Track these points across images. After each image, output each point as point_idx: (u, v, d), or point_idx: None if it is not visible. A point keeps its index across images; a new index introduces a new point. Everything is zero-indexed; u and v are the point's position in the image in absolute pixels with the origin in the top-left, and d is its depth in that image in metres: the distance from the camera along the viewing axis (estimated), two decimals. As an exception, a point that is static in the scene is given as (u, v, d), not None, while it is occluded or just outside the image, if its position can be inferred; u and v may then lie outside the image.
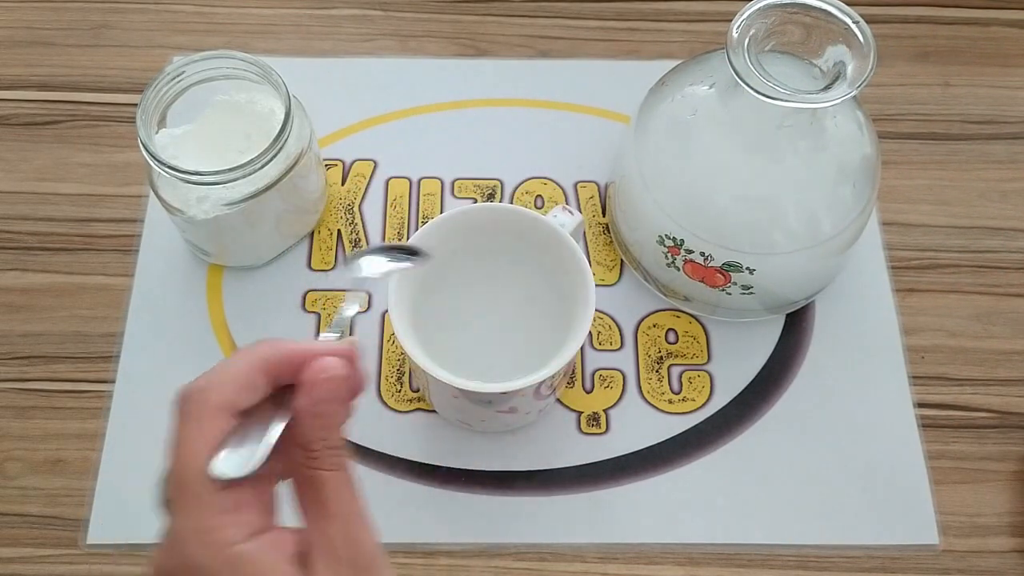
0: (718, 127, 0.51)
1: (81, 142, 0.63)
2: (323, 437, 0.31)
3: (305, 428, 0.30)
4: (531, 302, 0.53)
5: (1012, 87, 0.66)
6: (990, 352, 0.57)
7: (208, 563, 0.28)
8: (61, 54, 0.66)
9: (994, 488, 0.53)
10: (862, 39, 0.46)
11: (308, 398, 0.31)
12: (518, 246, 0.50)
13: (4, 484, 0.52)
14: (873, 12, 0.65)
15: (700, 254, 0.52)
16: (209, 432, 0.30)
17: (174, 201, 0.53)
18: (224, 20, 0.68)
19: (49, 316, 0.57)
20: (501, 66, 0.67)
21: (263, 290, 0.58)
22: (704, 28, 0.68)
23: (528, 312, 0.53)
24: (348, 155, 0.63)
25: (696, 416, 0.55)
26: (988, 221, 0.61)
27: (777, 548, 0.51)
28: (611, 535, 0.51)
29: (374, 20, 0.69)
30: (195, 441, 0.30)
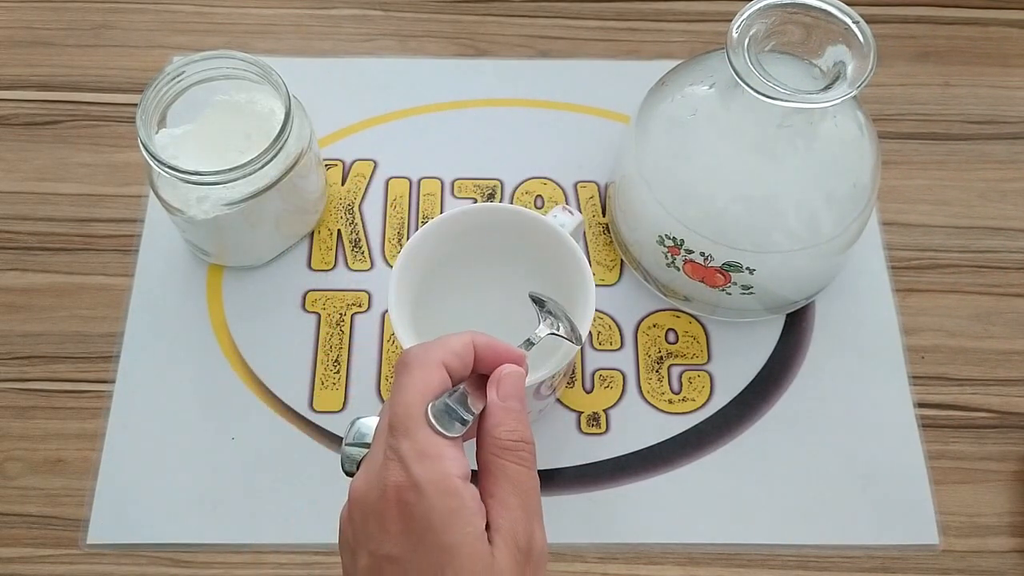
0: (718, 127, 0.51)
1: (81, 142, 0.63)
2: (513, 428, 0.34)
3: (498, 421, 0.34)
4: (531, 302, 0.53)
5: (1012, 87, 0.66)
6: (990, 352, 0.57)
7: (428, 484, 0.31)
8: (61, 54, 0.66)
9: (994, 488, 0.53)
10: (862, 39, 0.46)
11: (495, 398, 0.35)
12: (518, 246, 0.50)
13: (4, 484, 0.52)
14: (873, 12, 0.65)
15: (700, 254, 0.52)
16: (434, 379, 0.33)
17: (174, 201, 0.53)
18: (224, 20, 0.68)
19: (49, 316, 0.57)
20: (501, 66, 0.67)
21: (263, 290, 0.58)
22: (704, 28, 0.68)
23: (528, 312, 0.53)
24: (348, 155, 0.63)
25: (696, 416, 0.55)
26: (988, 221, 0.61)
27: (777, 548, 0.51)
28: (611, 535, 0.51)
29: (374, 20, 0.69)
30: (423, 383, 0.33)
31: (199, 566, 0.51)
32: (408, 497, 0.32)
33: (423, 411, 0.33)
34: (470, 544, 0.32)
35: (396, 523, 0.32)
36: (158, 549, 0.51)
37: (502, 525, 0.32)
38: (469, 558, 0.31)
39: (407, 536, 0.32)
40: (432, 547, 0.31)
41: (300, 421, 0.54)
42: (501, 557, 0.32)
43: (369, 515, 0.32)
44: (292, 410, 0.54)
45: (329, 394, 0.55)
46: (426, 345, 0.35)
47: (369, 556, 0.32)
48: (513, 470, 0.34)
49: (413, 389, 0.33)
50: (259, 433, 0.54)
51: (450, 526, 0.31)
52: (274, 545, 0.51)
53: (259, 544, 0.51)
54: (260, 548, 0.51)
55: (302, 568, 0.51)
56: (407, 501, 0.32)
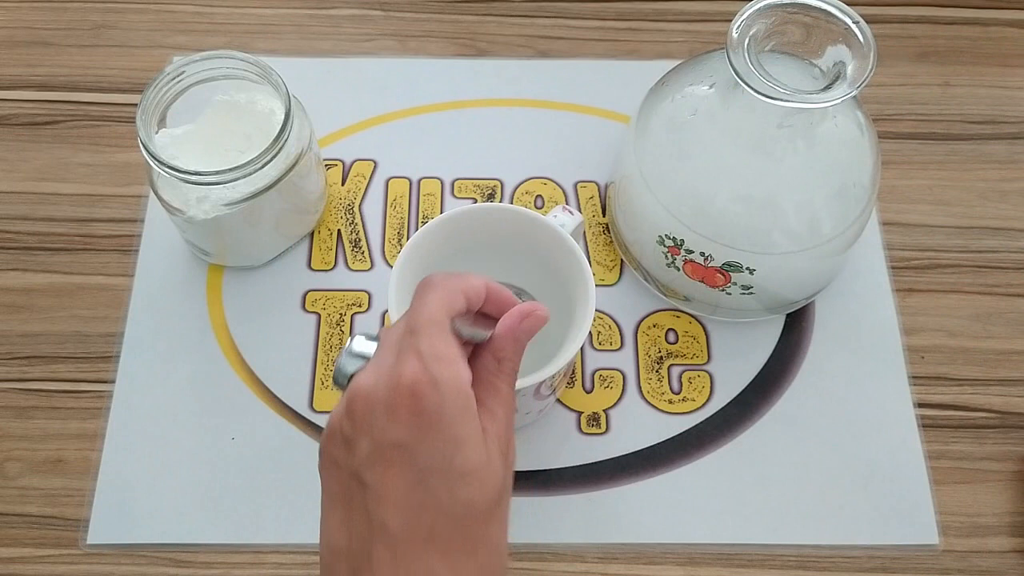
0: (718, 127, 0.51)
1: (81, 142, 0.63)
2: (511, 358, 0.37)
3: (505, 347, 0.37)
4: (531, 302, 0.53)
5: (1012, 87, 0.66)
6: (990, 352, 0.57)
7: (444, 380, 0.33)
8: (61, 54, 0.66)
9: (994, 488, 0.53)
10: (862, 39, 0.46)
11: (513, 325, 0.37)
12: (518, 246, 0.50)
13: (4, 484, 0.52)
14: (873, 12, 0.66)
15: (700, 254, 0.52)
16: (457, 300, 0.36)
17: (174, 201, 0.53)
18: (224, 20, 0.68)
19: (49, 316, 0.57)
20: (501, 66, 0.67)
21: (263, 290, 0.58)
22: (704, 28, 0.68)
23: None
24: (348, 155, 0.63)
25: (696, 416, 0.55)
26: (988, 221, 0.61)
27: (777, 548, 0.51)
28: (611, 535, 0.52)
29: (374, 20, 0.69)
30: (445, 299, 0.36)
31: (199, 566, 0.51)
32: (424, 390, 0.33)
33: (445, 320, 0.35)
34: (476, 440, 0.34)
35: (407, 413, 0.33)
36: (158, 549, 0.51)
37: (490, 430, 0.35)
38: (474, 451, 0.34)
39: (417, 425, 0.33)
40: (441, 437, 0.33)
41: (300, 421, 0.54)
42: (492, 455, 0.35)
43: (376, 405, 0.34)
44: (292, 410, 0.54)
45: (329, 394, 0.55)
46: (450, 273, 0.37)
47: (372, 443, 0.34)
48: (504, 388, 0.37)
49: (438, 302, 0.36)
50: (259, 433, 0.54)
51: (460, 421, 0.34)
52: (274, 545, 0.51)
53: (259, 544, 0.51)
54: (260, 548, 0.51)
55: (302, 568, 0.51)
56: (422, 393, 0.33)
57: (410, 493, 0.33)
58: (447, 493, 0.33)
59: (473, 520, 0.34)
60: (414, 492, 0.33)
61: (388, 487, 0.33)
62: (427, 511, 0.33)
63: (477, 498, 0.34)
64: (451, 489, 0.33)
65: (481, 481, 0.34)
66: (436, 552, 0.33)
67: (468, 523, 0.34)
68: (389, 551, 0.33)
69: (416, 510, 0.33)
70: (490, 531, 0.35)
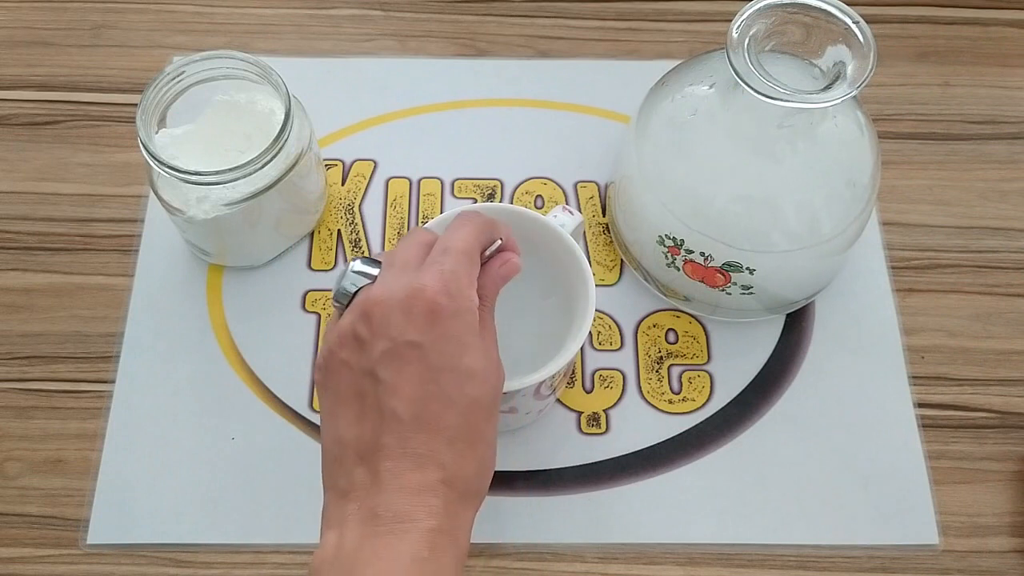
0: (718, 127, 0.51)
1: (81, 142, 0.63)
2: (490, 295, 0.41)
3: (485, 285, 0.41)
4: (531, 302, 0.53)
5: (1012, 87, 0.66)
6: (990, 352, 0.57)
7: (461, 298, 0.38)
8: (61, 54, 0.66)
9: (994, 488, 0.53)
10: (862, 39, 0.46)
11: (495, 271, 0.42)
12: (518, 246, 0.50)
13: (4, 484, 0.52)
14: (873, 12, 0.66)
15: (700, 254, 0.52)
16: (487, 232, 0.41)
17: (174, 201, 0.53)
18: (224, 20, 0.68)
19: (49, 316, 0.57)
20: (501, 66, 0.67)
21: (263, 290, 0.58)
22: (704, 28, 0.68)
23: (528, 312, 0.53)
24: (348, 155, 0.63)
25: (696, 416, 0.55)
26: (988, 221, 0.61)
27: (777, 548, 0.51)
28: (611, 535, 0.51)
29: (374, 20, 0.69)
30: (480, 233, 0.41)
31: (199, 566, 0.51)
32: (441, 300, 0.37)
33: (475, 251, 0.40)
34: (480, 347, 0.38)
35: (423, 316, 0.37)
36: (158, 549, 0.51)
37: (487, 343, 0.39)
38: (480, 355, 0.38)
39: (432, 327, 0.37)
40: (452, 340, 0.37)
41: (300, 421, 0.54)
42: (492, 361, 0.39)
43: (394, 309, 0.37)
44: (292, 410, 0.54)
45: (329, 394, 0.55)
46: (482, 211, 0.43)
47: (390, 341, 0.37)
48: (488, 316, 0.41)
49: (474, 234, 0.40)
50: (259, 433, 0.54)
51: (470, 330, 0.38)
52: (274, 545, 0.51)
53: (259, 544, 0.51)
54: (260, 548, 0.51)
55: (302, 568, 0.51)
56: (439, 303, 0.37)
57: (423, 386, 0.37)
58: (456, 388, 0.37)
59: (475, 415, 0.38)
60: (427, 386, 0.37)
61: (403, 381, 0.37)
62: (437, 402, 0.37)
63: (481, 395, 0.38)
64: (460, 385, 0.37)
65: (484, 381, 0.38)
66: (442, 440, 0.37)
67: (471, 417, 0.38)
68: (398, 437, 0.37)
69: (427, 401, 0.37)
70: (487, 428, 0.39)
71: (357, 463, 0.37)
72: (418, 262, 0.40)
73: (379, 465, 0.36)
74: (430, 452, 0.37)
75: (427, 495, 0.36)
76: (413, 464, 0.36)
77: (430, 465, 0.36)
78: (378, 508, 0.36)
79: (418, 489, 0.36)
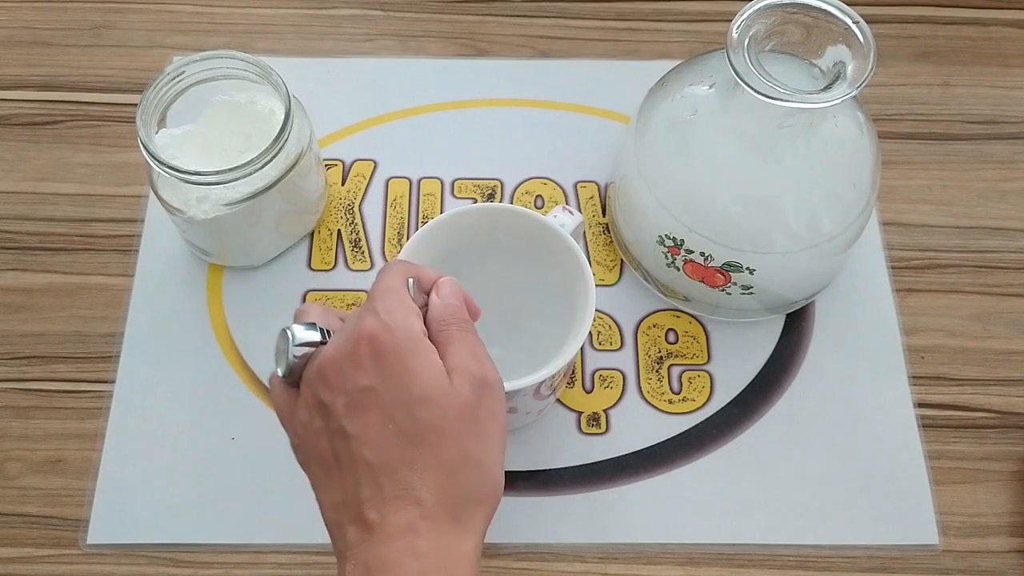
0: (718, 127, 0.51)
1: (81, 142, 0.63)
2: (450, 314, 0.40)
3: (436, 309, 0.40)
4: (531, 302, 0.53)
5: (1012, 87, 0.66)
6: (990, 352, 0.57)
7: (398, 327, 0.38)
8: (61, 54, 0.66)
9: (994, 488, 0.53)
10: (862, 39, 0.46)
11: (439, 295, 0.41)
12: (518, 246, 0.50)
13: (4, 484, 0.52)
14: (873, 12, 0.66)
15: (700, 254, 0.52)
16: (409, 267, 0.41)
17: (174, 201, 0.53)
18: (224, 20, 0.68)
19: (49, 316, 0.57)
20: (501, 66, 0.67)
21: (263, 290, 0.58)
22: (704, 28, 0.68)
23: (528, 312, 0.53)
24: (348, 155, 0.63)
25: (696, 416, 0.55)
26: (988, 221, 0.61)
27: (777, 548, 0.51)
28: (611, 535, 0.52)
29: (374, 20, 0.69)
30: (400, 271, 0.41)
31: (199, 566, 0.51)
32: (380, 335, 0.37)
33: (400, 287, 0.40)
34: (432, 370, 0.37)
35: (369, 359, 0.37)
36: (158, 549, 0.51)
37: (456, 365, 0.38)
38: (430, 380, 0.37)
39: (379, 367, 0.37)
40: (399, 371, 0.37)
41: (300, 421, 0.54)
42: (459, 383, 0.37)
43: (343, 362, 0.38)
44: (292, 410, 0.54)
45: (329, 394, 0.55)
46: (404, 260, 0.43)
47: (346, 395, 0.37)
48: (457, 332, 0.40)
49: (393, 275, 0.40)
50: (259, 433, 0.54)
51: (415, 357, 0.37)
52: (274, 545, 0.51)
53: (259, 544, 0.51)
54: (260, 548, 0.51)
55: (302, 568, 0.51)
56: (380, 339, 0.37)
57: (384, 428, 0.37)
58: (412, 420, 0.36)
59: (442, 440, 0.37)
60: (387, 426, 0.37)
61: (367, 429, 0.37)
62: (400, 439, 0.36)
63: (440, 418, 0.37)
64: (412, 414, 0.37)
65: (439, 405, 0.37)
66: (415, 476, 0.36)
67: (439, 443, 0.37)
68: (374, 486, 0.36)
69: (391, 441, 0.36)
70: (468, 445, 0.37)
71: (349, 522, 0.37)
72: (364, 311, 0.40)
73: (365, 518, 0.36)
74: (405, 492, 0.36)
75: (411, 537, 0.36)
76: (393, 508, 0.36)
77: (408, 505, 0.36)
78: (370, 561, 0.36)
79: (402, 532, 0.36)
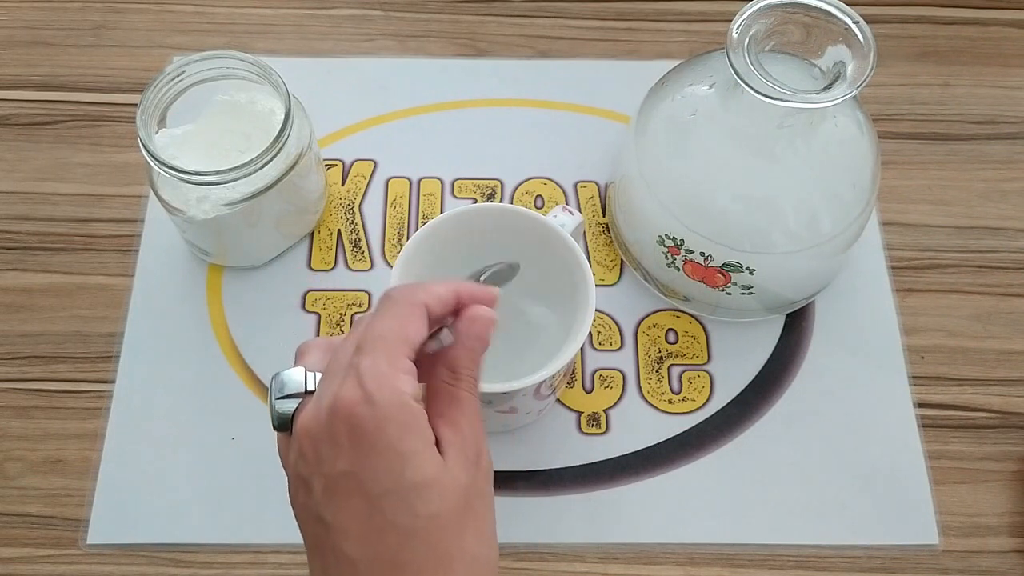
0: (718, 127, 0.51)
1: (81, 142, 0.63)
2: (467, 366, 0.36)
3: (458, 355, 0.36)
4: (531, 302, 0.53)
5: (1012, 87, 0.66)
6: (990, 352, 0.57)
7: (382, 398, 0.32)
8: (61, 54, 0.66)
9: (994, 488, 0.53)
10: (862, 39, 0.46)
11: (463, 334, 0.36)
12: (518, 246, 0.50)
13: (4, 484, 0.52)
14: (873, 12, 0.65)
15: (700, 254, 0.52)
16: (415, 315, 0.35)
17: (174, 201, 0.53)
18: (224, 20, 0.68)
19: (49, 316, 0.57)
20: (501, 66, 0.67)
21: (263, 290, 0.58)
22: (704, 28, 0.68)
23: (528, 312, 0.53)
24: (348, 155, 0.63)
25: (696, 416, 0.55)
26: (988, 221, 0.61)
27: (777, 548, 0.51)
28: (611, 535, 0.52)
29: (374, 20, 0.69)
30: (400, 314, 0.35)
31: (199, 566, 0.51)
32: (360, 411, 0.32)
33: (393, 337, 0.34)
34: (425, 451, 0.33)
35: (347, 438, 0.32)
36: (158, 549, 0.51)
37: (452, 441, 0.34)
38: (426, 462, 0.32)
39: (358, 448, 0.32)
40: (386, 453, 0.32)
41: (300, 421, 0.54)
42: (453, 464, 0.33)
43: (319, 439, 0.33)
44: (292, 410, 0.54)
45: (329, 394, 0.55)
46: (412, 285, 0.36)
47: (323, 478, 0.33)
48: (465, 397, 0.35)
49: (391, 318, 0.35)
50: (259, 433, 0.53)
51: (405, 435, 0.32)
52: (274, 545, 0.51)
53: (259, 544, 0.51)
54: (260, 548, 0.51)
55: (302, 568, 0.50)
56: (359, 415, 0.32)
57: (369, 520, 0.32)
58: (405, 511, 0.32)
59: (440, 533, 0.32)
60: (373, 519, 0.32)
61: (348, 520, 0.32)
62: (389, 535, 0.32)
63: (438, 510, 0.32)
64: (409, 506, 0.32)
65: (440, 492, 0.32)
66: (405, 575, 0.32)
67: (435, 538, 0.32)
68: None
69: (378, 535, 0.32)
70: (464, 542, 0.33)
71: None
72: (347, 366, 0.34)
73: None
74: None
75: None
76: None
77: None
78: None
79: None
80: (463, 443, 0.34)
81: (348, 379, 0.33)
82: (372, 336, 0.34)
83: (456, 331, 0.36)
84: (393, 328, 0.34)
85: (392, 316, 0.35)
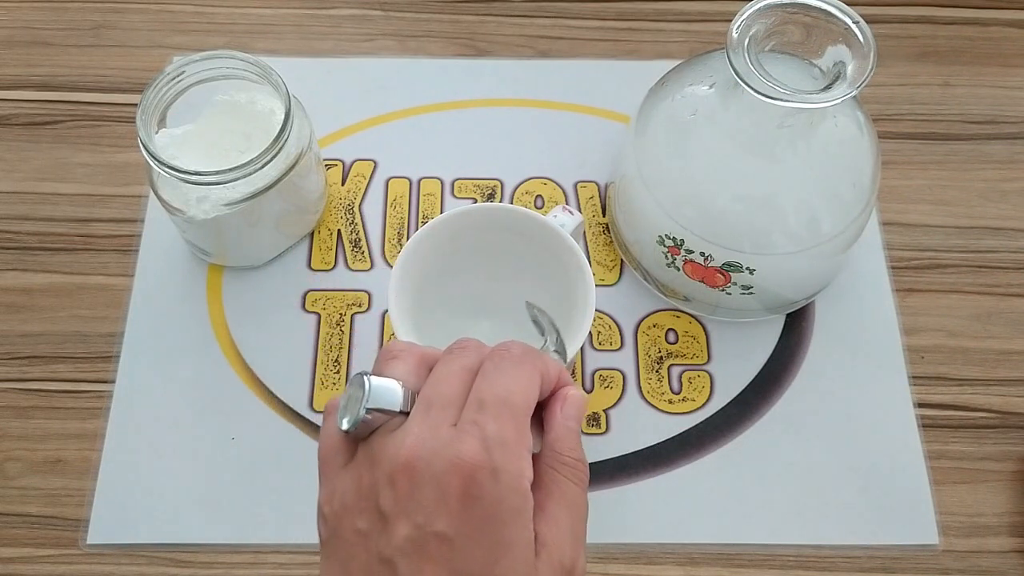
0: (718, 127, 0.51)
1: (81, 142, 0.63)
2: (574, 447, 0.33)
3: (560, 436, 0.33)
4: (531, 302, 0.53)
5: (1012, 87, 0.66)
6: (990, 352, 0.57)
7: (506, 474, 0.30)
8: (61, 54, 0.66)
9: (994, 488, 0.53)
10: (862, 39, 0.46)
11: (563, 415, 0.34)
12: (518, 246, 0.50)
13: (4, 484, 0.52)
14: (873, 12, 0.66)
15: (700, 254, 0.52)
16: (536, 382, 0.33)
17: (174, 201, 0.53)
18: (224, 20, 0.68)
19: (49, 316, 0.57)
20: (501, 66, 0.67)
21: (263, 290, 0.58)
22: (704, 28, 0.68)
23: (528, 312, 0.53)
24: (348, 155, 0.63)
25: (696, 416, 0.55)
26: (988, 221, 0.61)
27: (777, 548, 0.51)
28: (611, 535, 0.51)
29: (374, 20, 0.69)
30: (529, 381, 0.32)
31: (199, 566, 0.51)
32: (482, 478, 0.30)
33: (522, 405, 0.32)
34: (524, 547, 0.30)
35: (458, 499, 0.30)
36: (158, 549, 0.51)
37: (549, 541, 0.31)
38: (522, 561, 0.30)
39: (466, 516, 0.30)
40: (490, 537, 0.30)
41: (300, 421, 0.54)
42: (544, 571, 0.31)
43: (427, 483, 0.30)
44: (292, 410, 0.54)
45: (329, 394, 0.55)
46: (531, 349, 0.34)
47: (415, 528, 0.30)
48: (570, 488, 0.33)
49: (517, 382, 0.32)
50: (259, 433, 0.54)
51: (513, 523, 0.30)
52: (274, 545, 0.51)
53: (259, 544, 0.51)
54: (260, 548, 0.51)
55: (302, 568, 0.51)
56: (480, 482, 0.30)
57: None
58: None
59: None
60: None
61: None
62: None
63: None
64: None
65: None
66: None
67: None
68: None
69: None
70: None
71: None
72: (460, 401, 0.32)
73: None
74: None
75: None
76: None
77: None
78: None
79: None
80: (560, 549, 0.32)
81: (470, 437, 0.30)
82: (497, 396, 0.31)
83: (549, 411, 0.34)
84: (519, 394, 0.32)
85: (517, 379, 0.32)
